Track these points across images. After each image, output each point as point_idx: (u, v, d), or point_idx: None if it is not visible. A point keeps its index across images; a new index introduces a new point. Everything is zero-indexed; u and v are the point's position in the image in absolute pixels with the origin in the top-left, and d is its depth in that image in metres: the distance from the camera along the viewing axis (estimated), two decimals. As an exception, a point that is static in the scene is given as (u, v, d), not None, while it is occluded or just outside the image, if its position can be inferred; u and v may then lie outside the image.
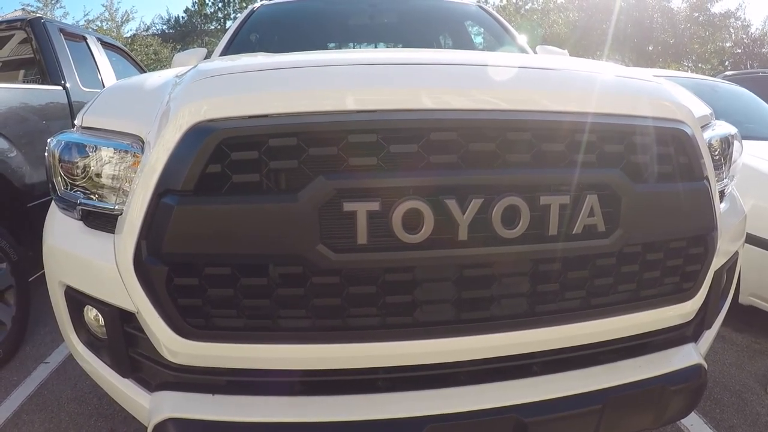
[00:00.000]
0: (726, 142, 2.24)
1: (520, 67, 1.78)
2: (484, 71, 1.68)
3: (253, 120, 1.46)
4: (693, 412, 2.87)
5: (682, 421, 2.89)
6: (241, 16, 4.61)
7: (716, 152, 2.15)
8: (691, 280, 1.81)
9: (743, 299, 3.81)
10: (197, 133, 1.45)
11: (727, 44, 34.09)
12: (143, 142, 1.69)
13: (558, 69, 1.84)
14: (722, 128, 2.28)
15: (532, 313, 1.59)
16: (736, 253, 2.27)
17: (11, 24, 5.37)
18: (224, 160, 1.43)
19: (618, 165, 1.60)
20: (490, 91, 1.57)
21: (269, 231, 1.42)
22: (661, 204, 1.67)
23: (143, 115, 1.74)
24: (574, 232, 1.54)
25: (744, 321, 4.11)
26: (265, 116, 1.47)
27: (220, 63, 1.94)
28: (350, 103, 1.49)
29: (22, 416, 3.00)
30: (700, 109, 2.21)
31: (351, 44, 4.84)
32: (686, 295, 1.81)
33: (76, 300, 1.88)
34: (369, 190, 1.42)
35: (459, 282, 1.53)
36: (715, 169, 1.94)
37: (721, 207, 1.96)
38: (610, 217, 1.58)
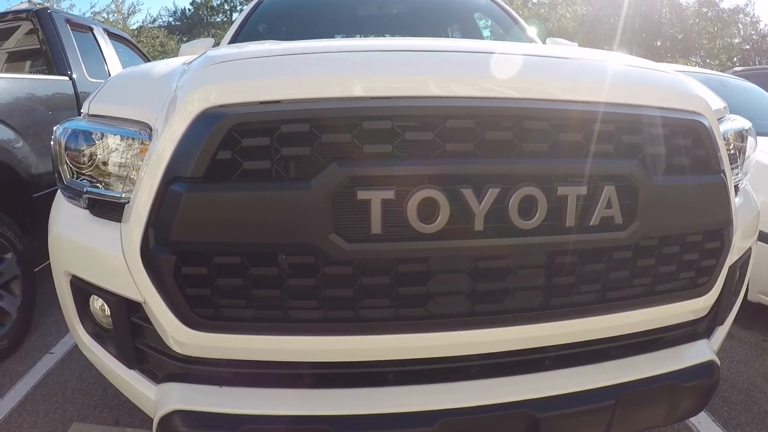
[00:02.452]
0: (741, 136, 2.22)
1: (538, 57, 1.77)
2: (504, 60, 1.64)
3: (265, 106, 1.44)
4: (700, 409, 2.86)
5: (689, 418, 2.87)
6: (248, 7, 4.60)
7: (731, 146, 2.13)
8: (706, 275, 1.79)
9: (752, 297, 3.79)
10: (207, 119, 1.42)
11: (736, 40, 34.00)
12: (151, 129, 1.67)
13: (576, 59, 1.82)
14: (737, 122, 2.26)
15: (546, 306, 1.57)
16: (750, 249, 2.25)
17: (18, 15, 5.38)
18: (235, 147, 1.40)
19: (636, 156, 1.57)
20: (509, 80, 1.55)
21: (280, 219, 1.40)
22: (678, 197, 1.65)
23: (151, 102, 1.72)
24: (591, 224, 1.52)
25: (752, 319, 4.10)
26: (277, 102, 1.44)
27: (229, 50, 1.92)
28: (365, 90, 1.46)
29: (27, 406, 3.00)
30: (716, 102, 2.18)
31: (358, 35, 4.82)
32: (701, 290, 1.79)
33: (82, 290, 1.86)
34: (383, 178, 1.40)
35: (473, 273, 1.50)
36: (730, 163, 1.91)
37: (736, 202, 1.94)
38: (628, 209, 1.56)
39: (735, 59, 32.95)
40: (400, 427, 1.52)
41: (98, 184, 1.78)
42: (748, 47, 33.86)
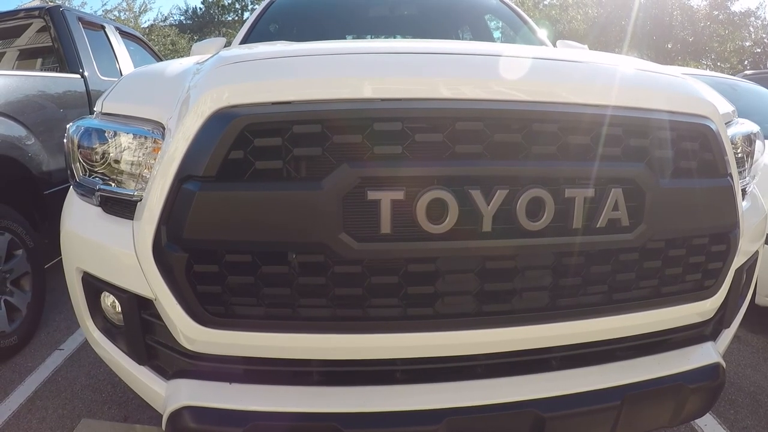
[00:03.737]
0: (748, 140, 2.22)
1: (548, 60, 1.77)
2: (514, 63, 1.65)
3: (277, 106, 1.46)
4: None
5: (696, 421, 2.87)
6: (260, 7, 4.61)
7: (739, 150, 2.13)
8: (712, 278, 1.80)
9: (760, 300, 3.77)
10: (220, 119, 1.44)
11: (747, 43, 33.73)
12: (164, 128, 1.68)
13: (585, 62, 1.82)
14: (745, 126, 2.26)
15: (553, 306, 1.58)
16: (756, 252, 2.25)
17: (30, 12, 5.40)
18: (247, 147, 1.42)
19: (643, 159, 1.58)
20: (519, 83, 1.56)
21: (292, 218, 1.42)
22: (685, 200, 1.66)
23: (164, 101, 1.74)
24: (597, 226, 1.53)
25: (759, 322, 4.08)
26: (289, 103, 1.46)
27: (241, 50, 1.94)
28: (376, 91, 1.48)
29: (36, 402, 3.01)
30: (724, 106, 2.19)
31: (369, 36, 4.83)
32: (707, 292, 1.80)
33: (93, 286, 1.87)
34: (393, 178, 1.41)
35: (481, 274, 1.52)
36: (737, 167, 1.92)
37: (743, 205, 1.94)
38: (634, 212, 1.57)
39: (746, 62, 32.74)
40: (407, 424, 1.53)
41: (111, 182, 1.79)
42: (759, 50, 33.58)
